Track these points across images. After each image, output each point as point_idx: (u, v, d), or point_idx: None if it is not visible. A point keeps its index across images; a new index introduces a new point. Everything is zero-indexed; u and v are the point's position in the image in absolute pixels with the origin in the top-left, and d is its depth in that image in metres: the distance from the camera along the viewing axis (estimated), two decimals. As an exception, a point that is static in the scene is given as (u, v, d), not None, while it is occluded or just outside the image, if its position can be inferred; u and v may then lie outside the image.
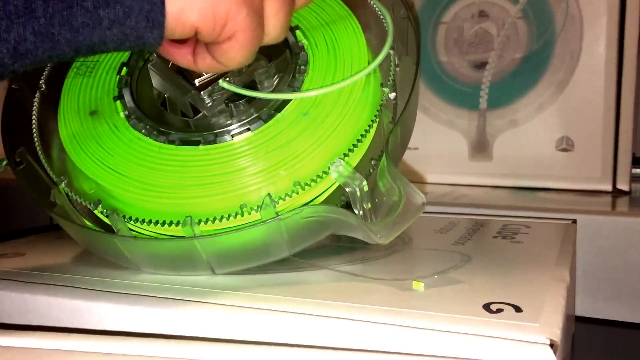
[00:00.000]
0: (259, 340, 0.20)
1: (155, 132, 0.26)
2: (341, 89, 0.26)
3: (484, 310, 0.20)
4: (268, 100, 0.26)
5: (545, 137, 0.48)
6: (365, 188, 0.24)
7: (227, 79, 0.26)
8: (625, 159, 0.46)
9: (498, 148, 0.50)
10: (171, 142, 0.25)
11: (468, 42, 0.50)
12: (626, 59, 0.45)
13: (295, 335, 0.20)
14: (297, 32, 0.28)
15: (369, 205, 0.25)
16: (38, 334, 0.18)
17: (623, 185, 0.46)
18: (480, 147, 0.51)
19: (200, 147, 0.25)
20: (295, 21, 0.28)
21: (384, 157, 0.25)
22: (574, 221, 0.35)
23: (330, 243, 0.30)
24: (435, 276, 0.24)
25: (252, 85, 0.27)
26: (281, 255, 0.25)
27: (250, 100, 0.26)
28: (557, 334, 0.18)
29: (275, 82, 0.27)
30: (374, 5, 0.29)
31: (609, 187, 0.47)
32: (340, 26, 0.28)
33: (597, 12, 0.46)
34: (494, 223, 0.35)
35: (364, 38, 0.27)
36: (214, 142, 0.25)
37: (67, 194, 0.26)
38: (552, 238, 0.31)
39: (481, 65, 0.50)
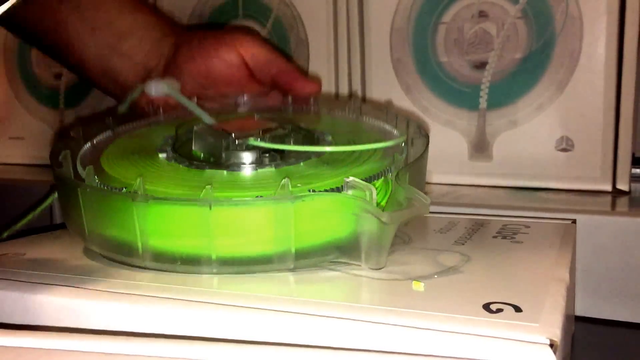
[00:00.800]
0: (259, 340, 0.20)
1: (187, 163, 0.29)
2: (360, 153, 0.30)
3: (483, 310, 0.20)
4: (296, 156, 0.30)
5: (545, 137, 0.48)
6: (375, 197, 0.25)
7: (259, 139, 0.29)
8: (625, 158, 0.46)
9: (498, 148, 0.50)
10: (199, 168, 0.29)
11: (468, 42, 0.50)
12: (626, 59, 0.45)
13: (295, 335, 0.20)
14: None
15: None
16: (38, 334, 0.18)
17: (623, 185, 0.46)
18: (480, 147, 0.51)
19: (225, 171, 0.28)
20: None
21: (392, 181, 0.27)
22: (574, 221, 0.35)
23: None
24: (435, 276, 0.24)
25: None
26: (285, 263, 0.25)
27: (280, 155, 0.30)
28: (557, 334, 0.18)
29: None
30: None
31: (608, 187, 0.47)
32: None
33: (597, 12, 0.46)
34: (494, 223, 0.35)
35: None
36: (239, 170, 0.28)
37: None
38: (552, 238, 0.31)
39: (481, 65, 0.50)
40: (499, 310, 0.20)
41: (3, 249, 0.30)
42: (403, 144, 0.31)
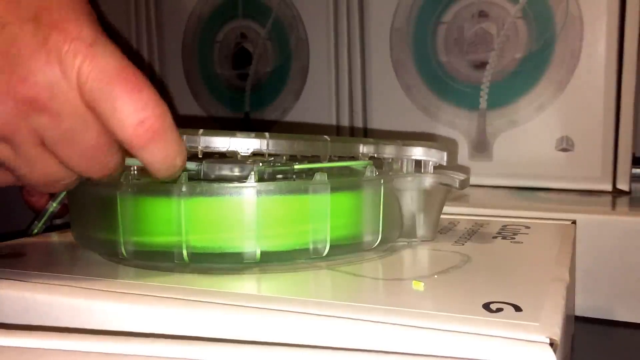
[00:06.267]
0: (259, 340, 0.20)
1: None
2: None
3: (483, 309, 0.20)
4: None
5: (545, 137, 0.48)
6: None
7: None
8: (625, 158, 0.46)
9: (498, 148, 0.50)
10: None
11: (468, 42, 0.50)
12: (626, 59, 0.45)
13: (295, 335, 0.20)
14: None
15: None
16: (38, 334, 0.18)
17: (623, 185, 0.46)
18: (480, 147, 0.51)
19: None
20: None
21: None
22: (574, 221, 0.35)
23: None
24: (435, 276, 0.24)
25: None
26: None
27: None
28: (557, 333, 0.18)
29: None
30: None
31: (609, 187, 0.47)
32: None
33: (597, 12, 0.46)
34: (493, 223, 0.35)
35: None
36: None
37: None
38: (551, 238, 0.31)
39: (481, 65, 0.50)
40: (499, 310, 0.20)
41: (3, 249, 0.30)
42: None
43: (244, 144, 0.26)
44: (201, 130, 0.26)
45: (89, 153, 0.23)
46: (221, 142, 0.26)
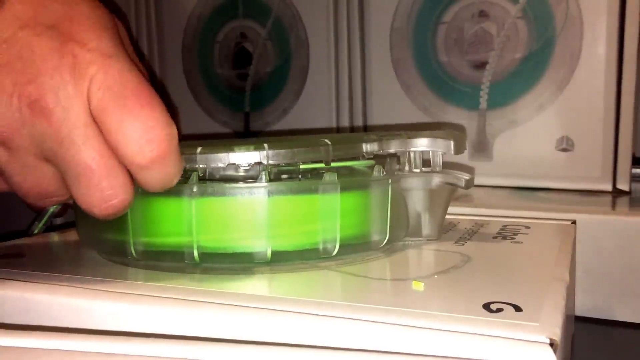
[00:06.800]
0: (259, 340, 0.20)
1: None
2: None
3: (483, 309, 0.20)
4: None
5: (545, 137, 0.48)
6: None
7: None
8: (625, 158, 0.46)
9: (498, 148, 0.50)
10: None
11: (468, 42, 0.50)
12: (626, 59, 0.45)
13: (295, 335, 0.20)
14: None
15: None
16: (38, 334, 0.18)
17: (623, 185, 0.46)
18: (480, 147, 0.51)
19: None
20: None
21: None
22: (574, 221, 0.35)
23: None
24: (435, 276, 0.24)
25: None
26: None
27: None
28: (557, 333, 0.18)
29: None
30: None
31: (609, 187, 0.47)
32: None
33: (597, 12, 0.46)
34: (493, 223, 0.35)
35: None
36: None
37: None
38: (551, 238, 0.31)
39: (481, 65, 0.50)
40: (499, 310, 0.20)
41: (3, 250, 0.30)
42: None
43: (243, 158, 0.26)
44: (199, 149, 0.26)
45: (86, 173, 0.22)
46: (220, 159, 0.26)
